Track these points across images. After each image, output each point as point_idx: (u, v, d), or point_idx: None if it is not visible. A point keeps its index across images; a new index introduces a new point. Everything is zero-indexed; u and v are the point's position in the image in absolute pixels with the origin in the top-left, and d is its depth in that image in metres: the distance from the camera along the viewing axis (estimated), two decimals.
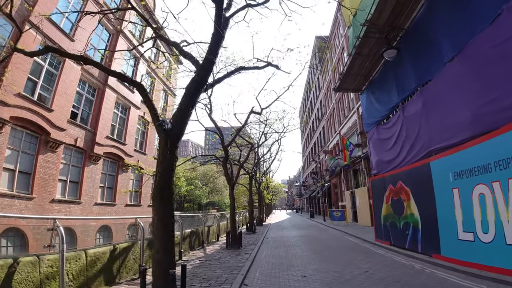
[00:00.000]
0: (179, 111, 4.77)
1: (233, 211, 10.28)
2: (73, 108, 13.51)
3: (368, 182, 15.04)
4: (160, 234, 4.13)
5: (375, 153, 10.42)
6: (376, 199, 10.19)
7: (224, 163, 10.88)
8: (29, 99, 10.65)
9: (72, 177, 13.18)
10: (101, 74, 15.49)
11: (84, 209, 13.55)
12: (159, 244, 4.10)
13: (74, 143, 13.17)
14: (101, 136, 15.32)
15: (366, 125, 11.44)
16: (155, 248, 4.12)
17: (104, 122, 15.62)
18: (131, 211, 18.71)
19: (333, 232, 14.69)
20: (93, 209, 14.30)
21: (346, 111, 21.29)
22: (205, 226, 11.40)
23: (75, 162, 13.54)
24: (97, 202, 14.68)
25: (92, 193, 14.37)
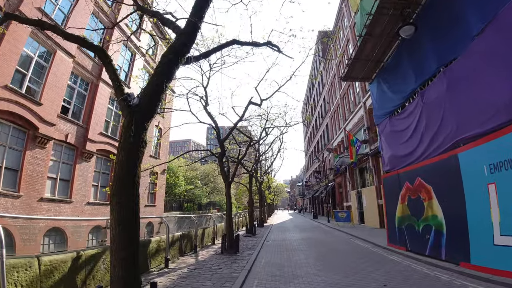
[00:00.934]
0: (151, 84, 3.73)
1: (230, 211, 9.24)
2: (64, 102, 12.86)
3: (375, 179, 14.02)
4: (119, 243, 3.08)
5: (388, 148, 9.32)
6: (389, 198, 9.09)
7: (220, 159, 9.84)
8: (17, 92, 10.13)
9: (63, 175, 12.48)
10: (95, 67, 14.85)
11: (75, 209, 12.71)
12: (118, 257, 3.05)
13: (65, 139, 12.51)
14: (94, 132, 14.59)
15: (376, 117, 10.35)
16: (111, 261, 3.08)
17: (97, 118, 14.88)
18: None
19: (339, 235, 13.58)
20: (85, 208, 13.46)
21: (352, 106, 20.18)
22: (199, 229, 10.37)
23: (65, 159, 12.84)
24: (89, 202, 13.96)
25: (84, 192, 13.65)
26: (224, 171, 9.74)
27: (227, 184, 9.54)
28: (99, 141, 14.96)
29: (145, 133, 3.58)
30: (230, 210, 9.30)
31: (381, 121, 9.95)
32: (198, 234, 10.16)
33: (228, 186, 9.52)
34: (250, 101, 10.27)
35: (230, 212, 9.24)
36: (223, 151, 9.91)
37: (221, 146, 9.95)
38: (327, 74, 29.04)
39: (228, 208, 9.36)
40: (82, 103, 14.31)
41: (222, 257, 8.20)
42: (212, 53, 5.15)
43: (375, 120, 10.43)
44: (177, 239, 8.34)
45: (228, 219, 9.13)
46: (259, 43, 6.26)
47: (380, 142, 9.98)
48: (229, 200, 9.39)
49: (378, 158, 15.29)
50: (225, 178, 9.61)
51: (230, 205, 9.39)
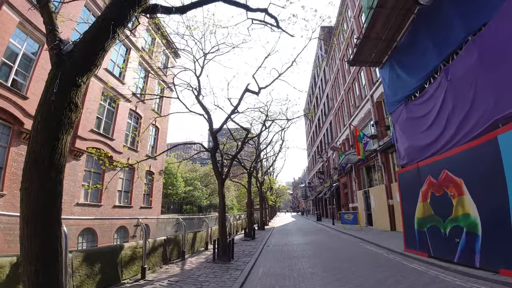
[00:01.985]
0: (93, 28, 2.62)
1: (223, 213, 8.07)
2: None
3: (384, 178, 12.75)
4: (28, 253, 1.94)
5: (404, 138, 8.12)
6: (407, 197, 7.87)
7: (212, 153, 8.71)
8: (2, 85, 9.61)
9: None
10: None
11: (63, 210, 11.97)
12: (26, 271, 1.91)
13: None
14: (84, 129, 13.79)
15: (389, 104, 9.16)
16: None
17: (87, 114, 14.06)
18: (120, 213, 16.99)
19: (346, 239, 12.33)
20: (74, 209, 12.77)
21: (358, 101, 18.98)
22: (189, 232, 9.22)
23: None
24: (79, 203, 13.20)
25: (73, 192, 12.87)
26: (217, 167, 8.60)
27: (220, 181, 8.39)
28: (90, 139, 14.19)
29: (77, 92, 2.45)
30: (224, 211, 8.13)
31: (395, 109, 8.76)
32: (188, 239, 8.99)
33: (221, 184, 8.36)
34: (246, 88, 9.15)
35: (224, 214, 8.08)
36: (216, 144, 8.77)
37: (214, 138, 8.82)
38: (330, 71, 27.90)
39: (221, 208, 8.19)
40: None
41: (212, 266, 7.02)
42: (191, 8, 4.03)
43: (387, 108, 9.25)
44: (160, 245, 7.18)
45: (221, 222, 7.96)
46: (252, 8, 5.15)
47: (394, 133, 8.79)
48: (222, 200, 8.23)
49: (388, 154, 14.07)
50: (218, 174, 8.46)
51: (224, 205, 8.22)
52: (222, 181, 8.41)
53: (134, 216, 18.42)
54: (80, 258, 4.71)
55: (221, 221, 7.94)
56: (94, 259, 5.00)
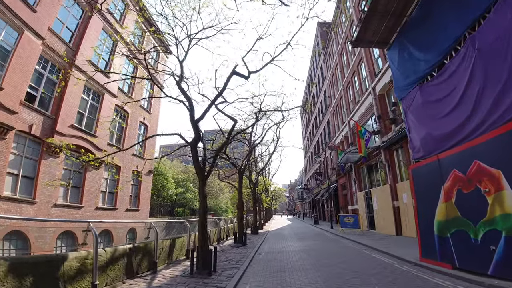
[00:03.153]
0: None
1: (203, 216, 6.68)
2: (31, 89, 11.30)
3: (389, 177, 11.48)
4: None
5: (419, 127, 6.88)
6: (423, 196, 6.61)
7: (192, 145, 7.37)
8: None
9: (26, 171, 10.89)
10: (68, 52, 13.08)
11: (39, 211, 11.21)
12: None
13: (29, 130, 10.84)
14: (63, 125, 12.77)
15: (399, 89, 7.94)
16: None
17: (68, 109, 13.13)
18: (103, 215, 15.64)
19: (347, 244, 11.02)
20: (52, 211, 11.87)
21: (357, 95, 17.82)
22: (165, 239, 7.84)
23: (29, 154, 11.15)
24: (57, 203, 12.10)
25: (51, 191, 11.83)
26: (198, 162, 7.25)
27: (202, 178, 7.03)
28: (70, 135, 13.11)
29: None
30: (204, 214, 6.76)
31: (406, 94, 7.53)
32: (164, 246, 7.59)
33: (202, 181, 7.00)
34: (234, 70, 7.86)
35: (204, 218, 6.70)
36: (197, 135, 7.44)
37: (195, 128, 7.49)
38: (328, 67, 26.82)
39: (201, 211, 6.81)
40: (52, 92, 12.63)
41: (187, 282, 5.64)
42: None
43: (397, 94, 8.02)
44: (124, 254, 5.78)
45: (201, 227, 6.58)
46: None
47: (406, 122, 7.55)
48: (203, 200, 6.85)
49: (392, 151, 12.87)
50: (199, 170, 7.11)
51: (205, 207, 6.84)
52: (203, 178, 7.05)
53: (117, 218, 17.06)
54: (3, 268, 3.40)
55: (201, 226, 6.56)
56: (23, 271, 3.68)
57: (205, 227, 6.61)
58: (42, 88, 12.07)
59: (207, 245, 6.56)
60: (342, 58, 21.02)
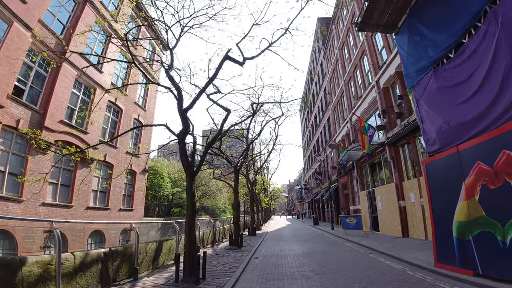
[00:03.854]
0: None
1: (191, 217, 5.90)
2: (19, 82, 10.82)
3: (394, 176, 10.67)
4: None
5: (434, 115, 6.13)
6: (439, 194, 5.86)
7: (180, 138, 6.61)
8: None
9: (12, 168, 10.40)
10: (59, 45, 12.44)
11: (26, 209, 10.85)
12: None
13: (16, 126, 10.38)
14: (52, 120, 12.26)
15: (409, 77, 7.19)
16: None
17: (57, 103, 12.60)
18: (94, 215, 14.99)
19: (351, 247, 10.26)
20: (40, 210, 11.43)
21: (360, 90, 17.08)
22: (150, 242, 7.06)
23: (16, 150, 10.72)
24: (45, 202, 11.62)
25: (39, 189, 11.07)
26: (186, 156, 6.49)
27: (189, 174, 6.26)
28: (59, 131, 12.61)
29: None
30: (193, 215, 5.97)
31: (418, 81, 6.78)
32: (148, 250, 6.82)
33: (190, 177, 6.23)
34: (226, 54, 7.11)
35: (192, 219, 5.92)
36: (186, 126, 6.68)
37: (183, 118, 6.73)
38: (328, 63, 26.09)
39: (188, 211, 6.04)
40: (42, 86, 12.14)
41: None
42: None
43: (407, 82, 7.27)
44: (97, 259, 5.02)
45: (187, 230, 5.80)
46: None
47: (418, 112, 6.80)
48: (191, 199, 6.07)
49: (398, 148, 12.12)
50: (186, 166, 6.33)
51: (193, 207, 6.06)
52: (192, 174, 6.28)
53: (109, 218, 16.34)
54: None
55: (188, 228, 5.79)
56: None
57: (193, 230, 5.84)
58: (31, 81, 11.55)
59: (195, 250, 5.79)
60: (343, 53, 20.30)
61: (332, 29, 23.08)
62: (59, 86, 12.68)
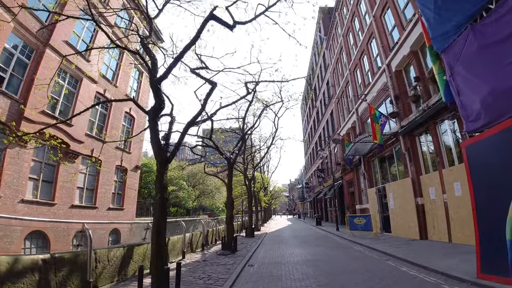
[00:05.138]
0: None
1: (160, 217, 4.47)
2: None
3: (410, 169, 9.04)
4: None
5: (476, 83, 4.68)
6: (486, 184, 4.42)
7: (151, 116, 5.19)
8: None
9: None
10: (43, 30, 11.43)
11: (3, 207, 10.02)
12: None
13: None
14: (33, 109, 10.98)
15: (438, 40, 5.73)
16: None
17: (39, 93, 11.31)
18: (80, 214, 13.84)
19: (363, 252, 8.80)
20: (18, 207, 10.55)
21: (367, 78, 15.62)
22: (115, 248, 5.64)
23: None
24: (24, 199, 10.76)
25: (17, 185, 10.53)
26: (157, 138, 5.06)
27: (161, 161, 4.83)
28: (40, 122, 11.45)
29: None
30: (162, 214, 4.53)
31: (450, 43, 5.33)
32: (111, 258, 5.38)
33: (161, 166, 4.80)
34: (211, 13, 5.68)
35: (162, 219, 4.48)
36: (159, 100, 5.25)
37: (156, 91, 5.31)
38: (331, 53, 24.63)
39: (157, 209, 4.59)
40: (23, 74, 11.25)
41: None
42: None
43: (436, 46, 5.81)
44: (32, 268, 3.59)
45: (155, 234, 4.36)
46: None
47: (452, 82, 5.34)
48: (160, 194, 4.61)
49: (414, 137, 10.67)
50: (158, 150, 4.91)
51: (163, 203, 4.62)
52: (164, 161, 4.85)
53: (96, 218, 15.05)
54: None
55: (156, 231, 4.35)
56: None
57: (162, 235, 4.39)
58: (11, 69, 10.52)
59: (165, 261, 4.36)
60: (348, 40, 18.83)
61: (335, 16, 21.62)
62: (42, 74, 11.52)
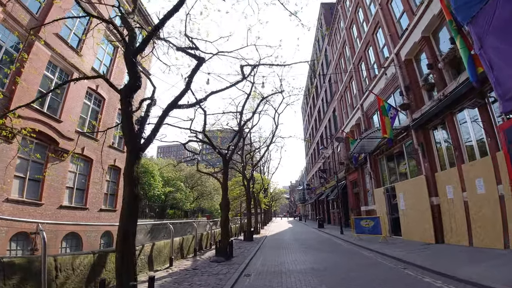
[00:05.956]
0: None
1: (129, 218, 3.51)
2: None
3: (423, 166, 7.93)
4: None
5: None
6: None
7: (123, 96, 4.25)
8: None
9: None
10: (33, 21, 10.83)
11: None
12: None
13: None
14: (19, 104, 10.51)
15: (462, 9, 4.79)
16: None
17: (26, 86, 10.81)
18: (69, 215, 13.02)
19: (374, 259, 7.80)
20: (3, 207, 9.97)
21: (373, 71, 14.70)
22: (80, 255, 4.66)
23: None
24: (9, 198, 10.14)
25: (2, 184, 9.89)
26: (131, 120, 4.11)
27: (131, 150, 3.87)
28: (27, 117, 10.94)
29: None
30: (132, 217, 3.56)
31: (477, 12, 4.40)
32: (77, 266, 4.40)
33: (133, 155, 3.84)
34: None
35: (130, 220, 3.52)
36: (134, 77, 4.30)
37: (130, 67, 4.36)
38: (333, 49, 23.76)
39: (125, 208, 3.62)
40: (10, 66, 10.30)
41: None
42: None
43: (460, 17, 4.88)
44: None
45: (121, 239, 3.40)
46: None
47: (484, 55, 4.40)
48: (130, 187, 3.65)
49: (428, 130, 9.71)
50: (129, 136, 3.95)
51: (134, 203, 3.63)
52: (136, 148, 3.90)
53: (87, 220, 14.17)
54: None
55: (123, 235, 3.39)
56: None
57: (129, 240, 3.41)
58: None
59: (133, 275, 3.38)
60: (351, 33, 17.94)
61: (337, 9, 20.77)
62: (29, 67, 10.81)
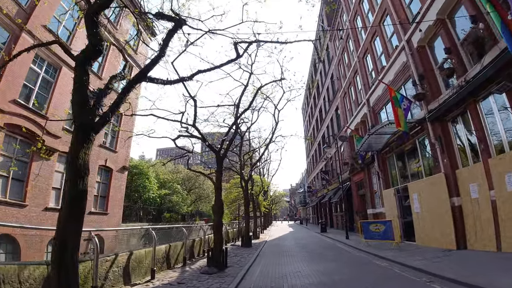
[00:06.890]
0: None
1: (70, 219, 2.50)
2: None
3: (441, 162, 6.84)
4: None
5: None
6: None
7: (81, 61, 3.24)
8: None
9: None
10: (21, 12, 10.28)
11: None
12: None
13: None
14: (3, 98, 10.00)
15: None
16: None
17: (11, 79, 10.30)
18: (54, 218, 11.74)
19: (391, 270, 6.70)
20: None
21: (381, 62, 13.71)
22: (21, 267, 3.61)
23: None
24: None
25: None
26: (84, 93, 3.08)
27: (79, 126, 2.85)
28: (11, 112, 10.30)
29: None
30: (74, 218, 2.54)
31: None
32: (26, 280, 3.36)
33: (83, 135, 2.82)
34: None
35: (74, 224, 2.49)
36: (95, 39, 3.28)
37: (90, 28, 3.34)
38: (335, 45, 22.85)
39: (64, 209, 2.58)
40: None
41: None
42: None
43: None
44: None
45: (58, 250, 2.37)
46: None
47: None
48: (74, 180, 2.63)
49: (446, 123, 8.67)
50: (79, 110, 2.93)
51: (79, 199, 2.62)
52: (88, 126, 2.86)
53: None
54: None
55: (60, 243, 2.34)
56: None
57: (70, 249, 2.36)
58: None
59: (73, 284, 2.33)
60: (355, 25, 17.01)
61: (340, 2, 19.88)
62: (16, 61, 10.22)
